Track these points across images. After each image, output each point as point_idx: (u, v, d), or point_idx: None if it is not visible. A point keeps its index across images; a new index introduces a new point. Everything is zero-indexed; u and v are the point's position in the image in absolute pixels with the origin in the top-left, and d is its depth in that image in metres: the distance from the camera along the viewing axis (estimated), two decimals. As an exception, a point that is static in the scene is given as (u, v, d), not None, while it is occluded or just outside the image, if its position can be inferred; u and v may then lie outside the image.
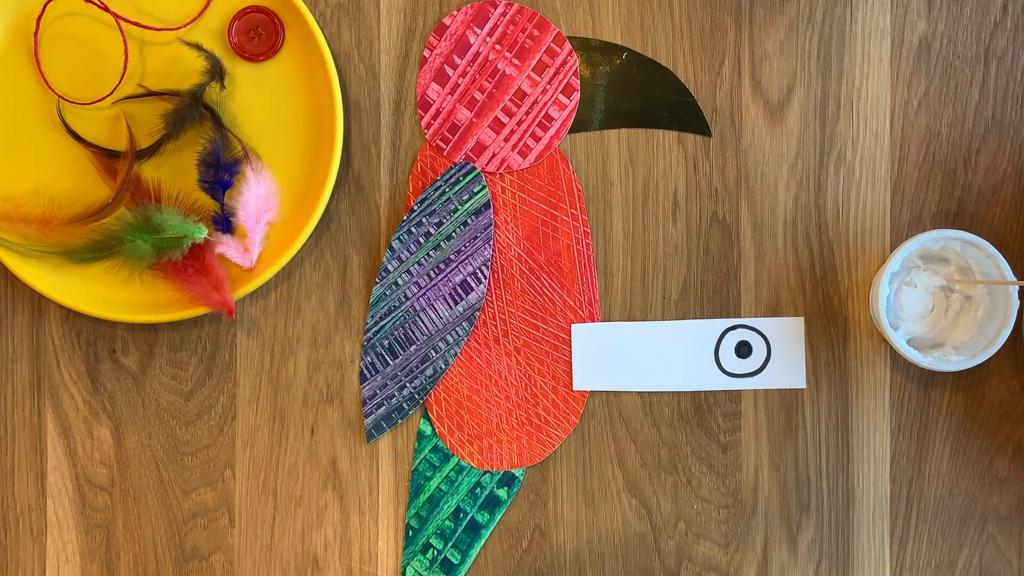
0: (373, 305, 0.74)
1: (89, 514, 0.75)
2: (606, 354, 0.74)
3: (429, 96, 0.74)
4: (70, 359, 0.75)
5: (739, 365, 0.74)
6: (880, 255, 0.74)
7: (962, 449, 0.75)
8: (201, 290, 0.72)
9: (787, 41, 0.74)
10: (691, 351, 0.74)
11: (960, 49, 0.75)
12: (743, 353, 0.74)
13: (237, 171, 0.73)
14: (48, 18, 0.73)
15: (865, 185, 0.75)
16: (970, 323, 0.72)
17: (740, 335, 0.74)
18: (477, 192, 0.74)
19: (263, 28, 0.73)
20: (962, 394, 0.74)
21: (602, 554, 0.75)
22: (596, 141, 0.75)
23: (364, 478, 0.75)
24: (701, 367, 0.74)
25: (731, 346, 0.74)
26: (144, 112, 0.73)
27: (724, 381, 0.74)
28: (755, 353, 0.74)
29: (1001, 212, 0.75)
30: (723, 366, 0.74)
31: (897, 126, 0.75)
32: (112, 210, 0.72)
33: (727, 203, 0.75)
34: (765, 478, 0.74)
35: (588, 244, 0.74)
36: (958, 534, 0.75)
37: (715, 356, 0.74)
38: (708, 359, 0.74)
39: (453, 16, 0.74)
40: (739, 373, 0.74)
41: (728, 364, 0.74)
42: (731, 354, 0.74)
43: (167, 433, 0.75)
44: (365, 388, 0.74)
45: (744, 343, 0.74)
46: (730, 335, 0.74)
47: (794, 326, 0.74)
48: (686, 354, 0.74)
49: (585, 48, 0.75)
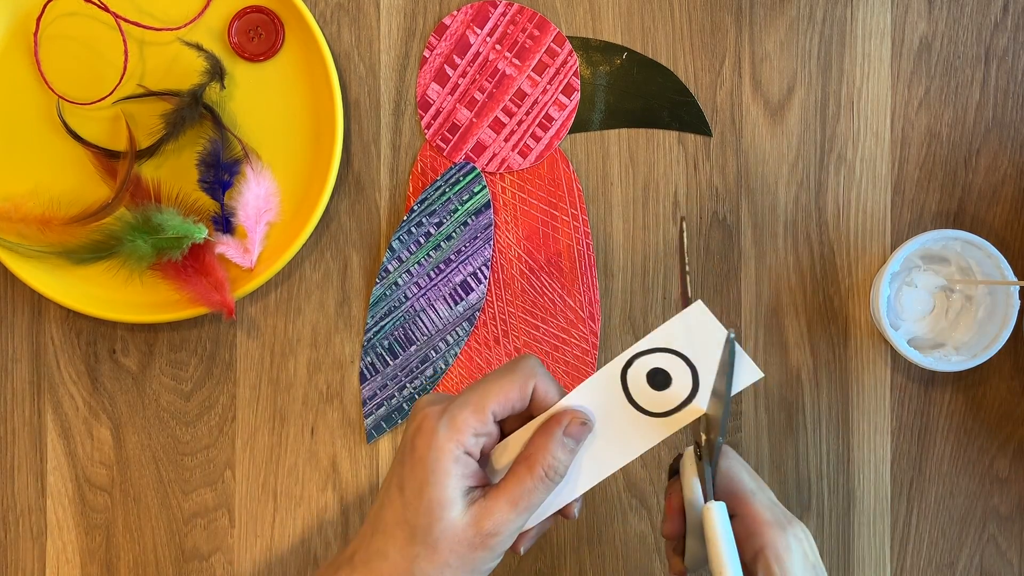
0: (373, 305, 0.74)
1: (89, 514, 0.75)
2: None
3: (429, 96, 0.74)
4: (70, 359, 0.75)
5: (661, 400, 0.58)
6: (880, 255, 0.74)
7: (963, 449, 0.75)
8: (201, 290, 0.72)
9: (787, 41, 0.74)
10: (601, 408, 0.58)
11: (961, 49, 0.75)
12: (659, 384, 0.58)
13: (237, 171, 0.73)
14: (48, 18, 0.73)
15: (865, 185, 0.74)
16: (971, 323, 0.72)
17: (643, 364, 0.57)
18: (477, 192, 0.74)
19: (263, 28, 0.73)
20: (963, 394, 0.74)
21: (602, 554, 0.75)
22: (596, 141, 0.75)
23: (364, 478, 0.75)
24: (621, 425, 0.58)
25: (642, 385, 0.58)
26: (144, 112, 0.73)
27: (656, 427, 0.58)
28: (676, 379, 0.57)
29: (1002, 212, 0.75)
30: (648, 410, 0.58)
31: (897, 126, 0.75)
32: (112, 210, 0.72)
33: (727, 203, 0.74)
34: (765, 478, 0.74)
35: (588, 244, 0.74)
36: (959, 534, 0.75)
37: (628, 398, 0.58)
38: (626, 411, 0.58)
39: (453, 16, 0.74)
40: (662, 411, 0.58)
41: (651, 405, 0.58)
42: (648, 392, 0.57)
43: (167, 433, 0.75)
44: (365, 388, 0.74)
45: (656, 371, 0.57)
46: (631, 371, 0.58)
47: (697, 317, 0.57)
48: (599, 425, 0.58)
49: (585, 48, 0.75)
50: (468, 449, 0.55)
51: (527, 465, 0.56)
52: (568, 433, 0.56)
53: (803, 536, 0.57)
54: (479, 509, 0.55)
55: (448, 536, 0.54)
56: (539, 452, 0.56)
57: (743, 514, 0.57)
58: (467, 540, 0.54)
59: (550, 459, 0.56)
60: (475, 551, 0.55)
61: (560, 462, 0.56)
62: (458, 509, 0.55)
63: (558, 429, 0.56)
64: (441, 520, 0.54)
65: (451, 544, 0.54)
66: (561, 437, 0.56)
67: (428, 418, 0.56)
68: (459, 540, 0.54)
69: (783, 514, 0.58)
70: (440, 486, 0.54)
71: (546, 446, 0.56)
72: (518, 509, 0.55)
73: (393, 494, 0.56)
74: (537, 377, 0.57)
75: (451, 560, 0.55)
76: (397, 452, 0.60)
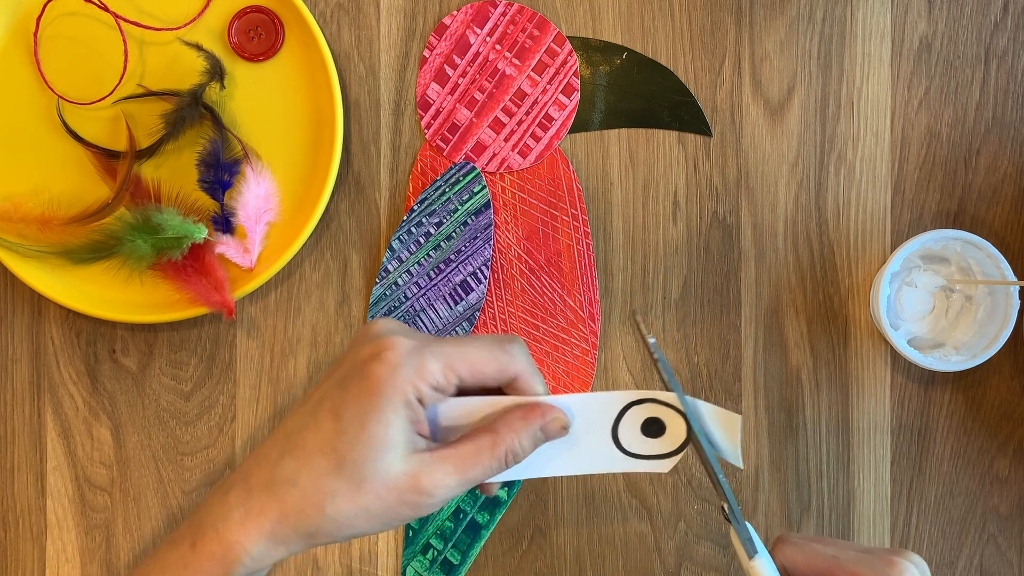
0: (373, 305, 0.74)
1: (89, 514, 0.75)
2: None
3: (429, 96, 0.74)
4: (70, 359, 0.75)
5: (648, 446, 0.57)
6: (880, 255, 0.74)
7: (963, 449, 0.75)
8: (201, 290, 0.72)
9: (787, 41, 0.74)
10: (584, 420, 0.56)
11: (961, 49, 0.75)
12: (652, 432, 0.56)
13: (237, 171, 0.73)
14: (48, 18, 0.73)
15: (866, 185, 0.74)
16: (971, 323, 0.72)
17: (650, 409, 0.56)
18: (477, 192, 0.74)
19: (263, 28, 0.73)
20: (963, 394, 0.74)
21: (602, 554, 0.75)
22: (596, 141, 0.75)
23: (364, 478, 0.74)
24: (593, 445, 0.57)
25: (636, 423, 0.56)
26: (144, 112, 0.73)
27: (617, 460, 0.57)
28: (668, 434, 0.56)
29: (1002, 212, 0.75)
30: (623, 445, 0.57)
31: (898, 126, 0.75)
32: (112, 210, 0.72)
33: (727, 203, 0.74)
34: (765, 478, 0.74)
35: (588, 244, 0.74)
36: (958, 534, 0.75)
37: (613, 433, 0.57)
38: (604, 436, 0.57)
39: (453, 16, 0.74)
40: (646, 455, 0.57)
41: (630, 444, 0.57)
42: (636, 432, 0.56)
43: (167, 433, 0.75)
44: (365, 388, 0.74)
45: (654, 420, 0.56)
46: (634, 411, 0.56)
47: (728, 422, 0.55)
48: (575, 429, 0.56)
49: (585, 48, 0.75)
50: (422, 396, 0.52)
51: (491, 441, 0.53)
52: (546, 430, 0.54)
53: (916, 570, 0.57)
54: (420, 463, 0.51)
55: (379, 479, 0.50)
56: (509, 434, 0.53)
57: None
58: (397, 489, 0.51)
59: (516, 445, 0.53)
60: (401, 505, 0.51)
61: (524, 451, 0.53)
62: (398, 454, 0.51)
63: (539, 421, 0.54)
64: (376, 460, 0.50)
65: (379, 489, 0.51)
66: (537, 430, 0.54)
67: (393, 349, 0.52)
68: (389, 487, 0.51)
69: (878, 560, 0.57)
70: (385, 423, 0.51)
71: (518, 431, 0.53)
72: (463, 479, 0.52)
73: (323, 417, 0.51)
74: (519, 366, 0.54)
75: (372, 505, 0.51)
76: (334, 369, 0.54)
